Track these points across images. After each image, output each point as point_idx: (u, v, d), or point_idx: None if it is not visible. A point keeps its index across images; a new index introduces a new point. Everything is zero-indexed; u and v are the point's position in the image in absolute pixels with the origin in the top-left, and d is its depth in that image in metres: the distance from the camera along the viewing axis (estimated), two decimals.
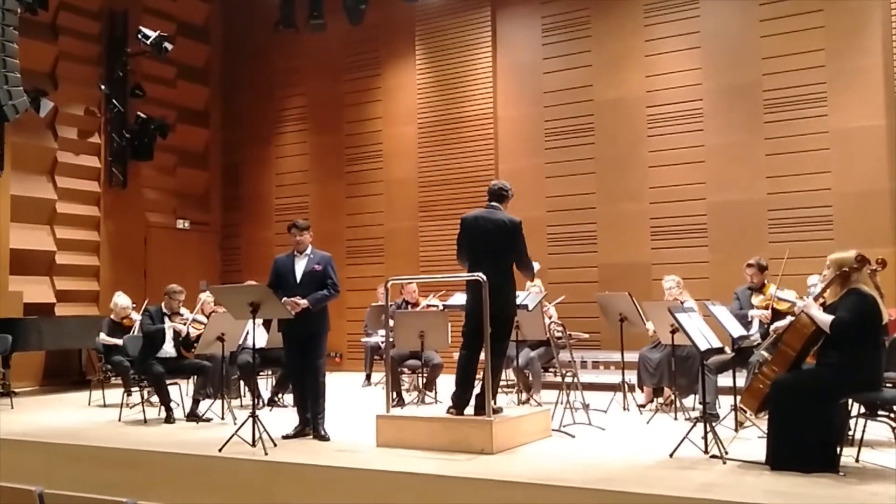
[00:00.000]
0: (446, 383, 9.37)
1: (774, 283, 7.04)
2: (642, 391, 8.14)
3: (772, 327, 6.26)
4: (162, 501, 3.04)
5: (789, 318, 5.60)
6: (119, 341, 8.91)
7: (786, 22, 10.22)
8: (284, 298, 6.45)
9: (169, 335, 7.99)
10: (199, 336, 8.01)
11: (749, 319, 7.05)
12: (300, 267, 6.73)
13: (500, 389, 7.37)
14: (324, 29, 12.97)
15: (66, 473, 6.20)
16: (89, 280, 12.55)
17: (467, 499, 4.91)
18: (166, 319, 8.07)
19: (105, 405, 9.04)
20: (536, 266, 6.74)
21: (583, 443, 6.28)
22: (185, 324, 8.08)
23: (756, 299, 7.17)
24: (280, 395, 8.72)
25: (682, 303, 7.42)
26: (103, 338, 9.08)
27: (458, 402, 6.16)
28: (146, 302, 9.20)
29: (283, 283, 6.68)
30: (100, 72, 12.77)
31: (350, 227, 13.28)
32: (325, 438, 6.50)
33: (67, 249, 12.19)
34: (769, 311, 6.98)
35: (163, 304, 8.23)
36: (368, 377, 10.80)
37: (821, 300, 5.34)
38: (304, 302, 6.50)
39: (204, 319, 8.34)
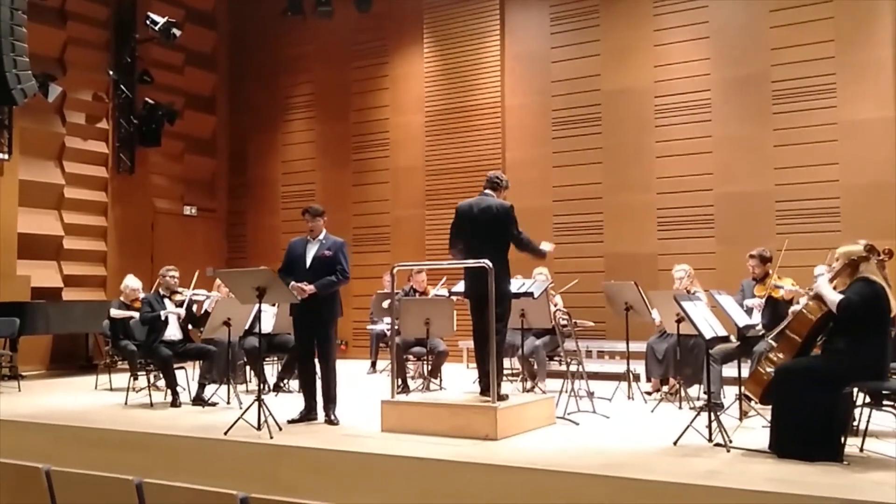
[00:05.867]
0: (451, 370, 9.43)
1: (776, 273, 7.08)
2: (649, 381, 8.15)
3: None
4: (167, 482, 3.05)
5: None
6: (132, 314, 8.80)
7: (795, 12, 10.18)
8: (292, 283, 6.47)
9: (172, 319, 7.99)
10: (201, 309, 8.04)
11: (746, 309, 7.07)
12: (311, 252, 6.74)
13: (504, 377, 7.40)
14: (331, 16, 12.95)
15: (73, 455, 6.22)
16: (96, 265, 12.60)
17: (471, 483, 4.93)
18: (166, 301, 8.07)
19: (112, 389, 9.09)
20: (548, 246, 6.58)
21: (587, 430, 6.29)
22: (183, 303, 8.06)
23: (757, 289, 7.20)
24: (286, 381, 8.76)
25: (691, 293, 7.42)
26: (114, 311, 9.00)
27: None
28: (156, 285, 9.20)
29: (295, 268, 6.70)
30: (108, 57, 12.81)
31: (356, 215, 13.29)
32: (334, 423, 6.52)
33: (75, 234, 12.24)
34: (763, 299, 7.04)
35: (159, 287, 8.24)
36: (374, 364, 10.84)
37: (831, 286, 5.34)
38: (310, 287, 6.51)
39: (204, 292, 8.35)
